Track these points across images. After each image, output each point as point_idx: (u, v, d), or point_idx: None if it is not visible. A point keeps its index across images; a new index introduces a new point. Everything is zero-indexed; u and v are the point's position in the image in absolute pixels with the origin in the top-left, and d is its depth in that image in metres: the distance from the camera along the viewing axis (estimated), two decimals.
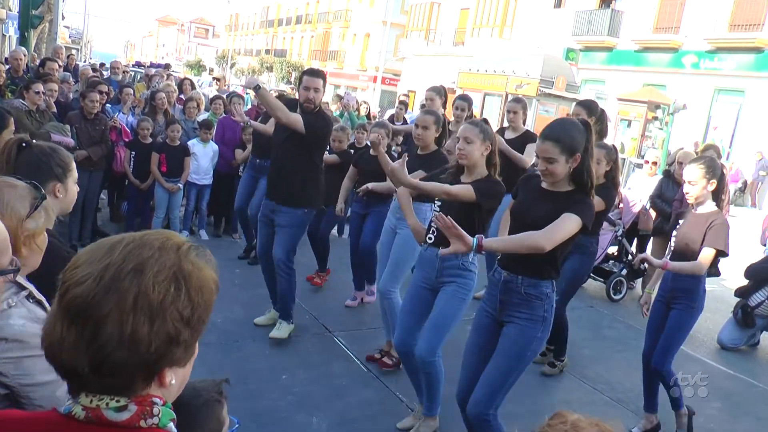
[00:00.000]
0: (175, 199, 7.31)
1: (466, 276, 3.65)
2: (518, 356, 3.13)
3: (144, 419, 1.04)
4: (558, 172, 3.01)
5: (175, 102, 8.79)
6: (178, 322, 1.03)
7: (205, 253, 1.14)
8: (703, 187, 3.94)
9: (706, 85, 21.80)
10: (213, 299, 1.12)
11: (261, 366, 4.47)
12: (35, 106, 6.45)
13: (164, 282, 1.03)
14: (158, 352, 1.02)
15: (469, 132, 3.58)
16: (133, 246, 1.06)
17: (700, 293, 4.06)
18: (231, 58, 59.18)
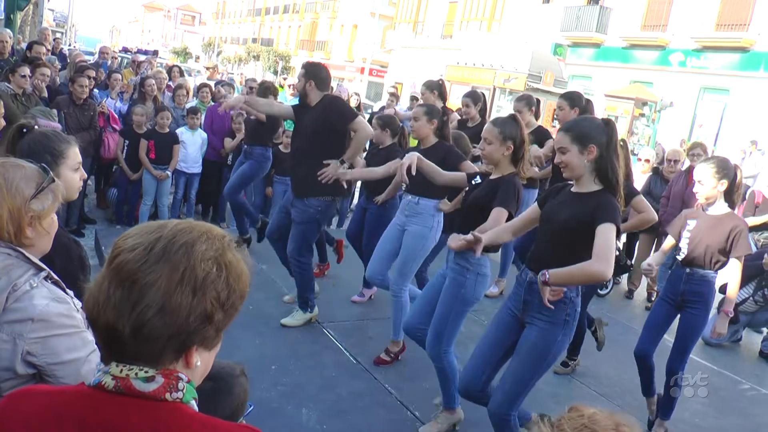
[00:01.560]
0: (163, 187, 7.27)
1: (458, 272, 3.66)
2: (539, 359, 3.12)
3: (170, 392, 1.09)
4: (572, 161, 3.04)
5: (164, 89, 8.72)
6: (215, 301, 1.10)
7: (243, 250, 1.23)
8: (713, 186, 3.95)
9: (692, 83, 21.98)
10: (247, 291, 1.19)
11: (251, 356, 4.44)
12: (21, 89, 6.36)
13: (209, 261, 1.11)
14: (194, 325, 1.08)
15: (488, 133, 3.62)
16: (183, 225, 1.15)
17: (712, 295, 4.10)
18: (218, 46, 58.77)
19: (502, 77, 23.49)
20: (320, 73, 4.95)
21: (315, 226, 4.97)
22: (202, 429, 1.09)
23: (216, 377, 1.62)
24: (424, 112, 4.69)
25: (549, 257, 3.06)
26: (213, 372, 1.62)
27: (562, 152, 3.06)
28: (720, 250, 3.99)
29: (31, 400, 1.11)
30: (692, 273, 4.09)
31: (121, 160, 7.15)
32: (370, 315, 5.58)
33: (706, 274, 4.06)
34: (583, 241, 2.91)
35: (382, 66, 39.05)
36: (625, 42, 24.19)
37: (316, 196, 4.85)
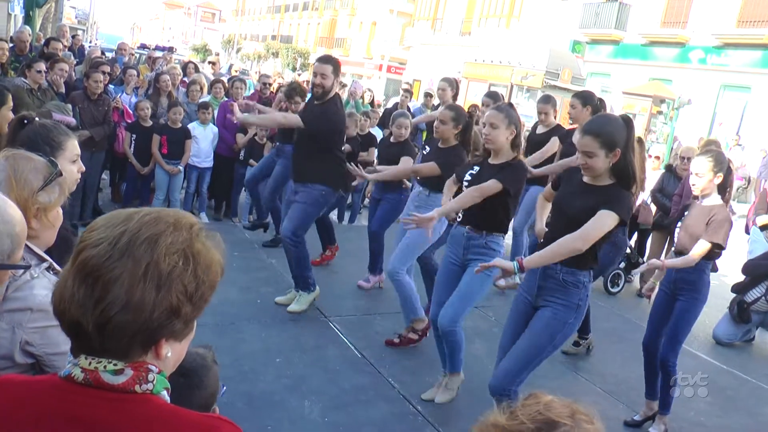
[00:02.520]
0: (175, 182, 7.34)
1: (490, 254, 3.82)
2: (548, 338, 3.24)
3: (139, 384, 1.08)
4: (598, 166, 3.11)
5: (179, 85, 8.79)
6: (182, 295, 1.08)
7: (215, 236, 1.20)
8: (709, 180, 3.98)
9: (713, 81, 21.72)
10: (218, 280, 1.17)
11: (256, 348, 4.49)
12: (37, 84, 6.45)
13: (175, 255, 1.08)
14: (159, 320, 1.07)
15: (494, 118, 3.80)
16: (149, 218, 1.11)
17: (704, 284, 4.09)
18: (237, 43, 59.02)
19: (520, 74, 23.40)
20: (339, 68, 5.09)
21: (317, 208, 5.11)
22: (170, 420, 1.09)
23: (187, 372, 1.62)
24: (452, 117, 4.81)
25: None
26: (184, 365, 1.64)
27: (588, 156, 3.10)
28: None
29: (2, 390, 1.12)
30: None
31: (129, 154, 7.22)
32: (377, 309, 5.60)
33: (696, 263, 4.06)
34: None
35: (401, 63, 39.00)
36: (644, 39, 23.94)
37: (321, 182, 5.01)
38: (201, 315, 1.17)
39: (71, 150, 2.49)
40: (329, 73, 4.92)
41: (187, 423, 1.10)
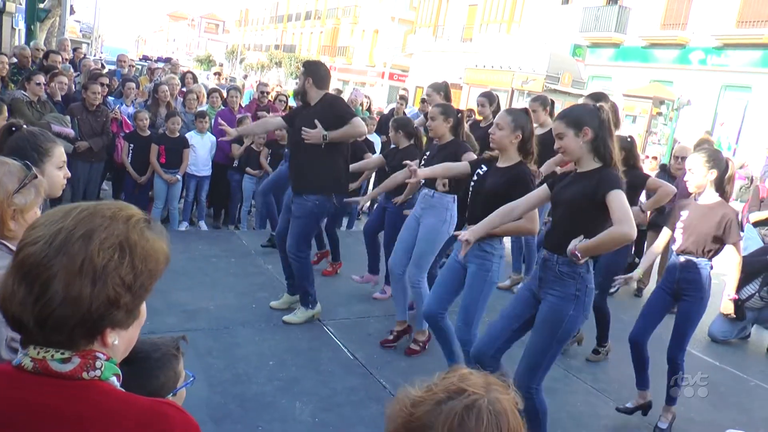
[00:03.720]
0: (173, 191, 7.42)
1: (484, 257, 3.90)
2: (552, 331, 3.31)
3: (86, 371, 1.13)
4: (570, 146, 3.25)
5: (177, 95, 8.89)
6: (120, 287, 1.12)
7: (156, 225, 1.23)
8: (703, 175, 4.04)
9: (713, 81, 21.71)
10: (159, 268, 1.20)
11: (250, 352, 4.55)
12: (36, 97, 6.56)
13: (110, 249, 1.12)
14: (98, 312, 1.11)
15: (501, 119, 3.91)
16: (86, 213, 1.15)
17: (706, 283, 4.14)
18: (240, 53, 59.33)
19: (520, 79, 23.46)
20: (319, 71, 5.06)
21: (313, 220, 5.08)
22: (116, 405, 1.13)
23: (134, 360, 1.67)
24: (440, 111, 4.87)
25: (561, 235, 3.27)
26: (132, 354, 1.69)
27: (559, 138, 3.27)
28: (713, 239, 4.07)
29: None
30: (686, 262, 4.17)
31: (127, 164, 7.31)
32: (371, 313, 5.66)
33: (699, 263, 4.13)
34: (591, 216, 3.14)
35: (403, 70, 39.12)
36: (644, 41, 23.96)
37: (314, 193, 4.96)
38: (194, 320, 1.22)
39: (58, 156, 2.56)
40: (300, 74, 5.10)
41: (133, 407, 1.14)
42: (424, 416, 1.08)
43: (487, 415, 1.05)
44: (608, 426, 4.22)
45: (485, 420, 1.05)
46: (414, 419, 1.09)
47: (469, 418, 1.05)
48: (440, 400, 1.09)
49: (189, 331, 4.69)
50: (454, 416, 1.05)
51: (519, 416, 1.11)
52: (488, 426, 1.05)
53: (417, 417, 1.09)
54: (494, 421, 1.05)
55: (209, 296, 5.43)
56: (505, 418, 1.07)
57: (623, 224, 2.97)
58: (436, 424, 1.06)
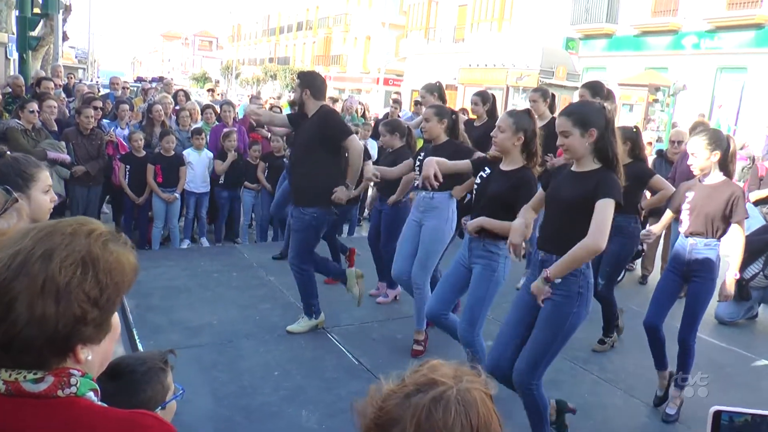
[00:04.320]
0: (172, 209, 7.44)
1: (490, 258, 3.91)
2: (556, 330, 3.31)
3: (61, 389, 1.12)
4: (574, 145, 3.21)
5: (171, 113, 8.92)
6: (85, 303, 1.12)
7: (119, 238, 1.22)
8: (706, 158, 4.04)
9: (708, 65, 21.66)
10: (126, 280, 1.20)
11: (254, 363, 4.56)
12: (31, 125, 6.59)
13: (71, 266, 1.11)
14: (65, 330, 1.10)
15: (502, 121, 3.87)
16: (44, 233, 1.14)
17: (717, 263, 4.15)
18: (235, 68, 59.50)
19: (515, 76, 23.49)
20: (315, 82, 5.06)
21: (312, 232, 5.06)
22: (94, 420, 1.13)
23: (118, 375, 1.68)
24: (434, 113, 4.88)
25: (556, 235, 3.28)
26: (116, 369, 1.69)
27: (565, 135, 3.23)
28: (720, 218, 4.07)
29: None
30: (695, 243, 4.17)
31: (124, 186, 7.33)
32: (375, 318, 5.66)
33: (708, 243, 4.14)
34: (586, 217, 3.11)
35: (398, 75, 39.16)
36: (636, 30, 23.93)
37: (312, 205, 4.97)
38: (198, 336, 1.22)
39: (43, 180, 2.57)
40: (296, 86, 5.11)
41: (112, 420, 1.14)
42: (393, 410, 1.07)
43: (455, 406, 1.04)
44: (616, 415, 4.20)
45: (453, 411, 1.04)
46: (383, 413, 1.08)
47: (437, 410, 1.04)
48: (409, 393, 1.08)
49: (193, 347, 4.71)
50: (421, 409, 1.04)
51: (491, 408, 1.10)
52: (456, 417, 1.04)
53: (386, 411, 1.08)
54: (463, 411, 1.04)
55: (212, 311, 5.45)
56: (474, 408, 1.06)
57: (596, 236, 3.03)
58: (405, 417, 1.05)
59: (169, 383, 1.76)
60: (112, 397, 1.58)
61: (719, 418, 1.15)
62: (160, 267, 6.50)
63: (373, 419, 1.09)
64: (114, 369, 1.72)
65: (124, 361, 1.79)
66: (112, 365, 1.75)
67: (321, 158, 4.93)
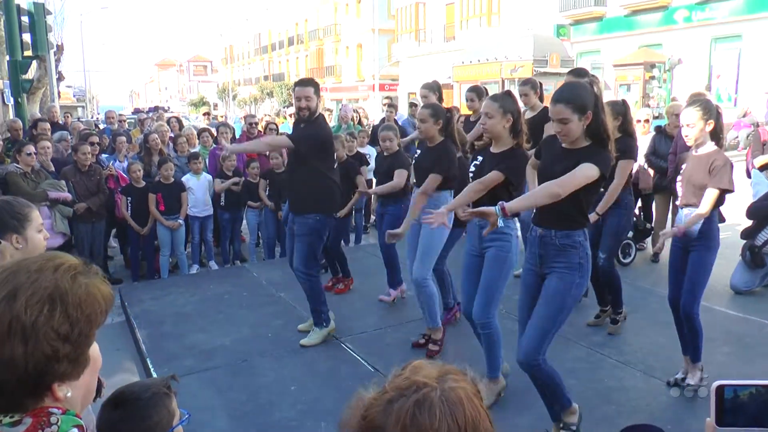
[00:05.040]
0: (178, 236, 7.45)
1: (502, 239, 3.92)
2: (559, 302, 3.37)
3: (41, 429, 1.09)
4: (573, 131, 3.27)
5: (168, 141, 8.95)
6: (54, 341, 1.09)
7: (89, 269, 1.20)
8: (701, 129, 4.02)
9: (702, 37, 21.60)
10: (99, 311, 1.17)
11: (270, 380, 4.55)
12: (29, 167, 6.63)
13: (37, 304, 1.09)
14: (37, 370, 1.08)
15: (489, 107, 3.91)
16: (8, 273, 1.13)
17: (713, 232, 4.11)
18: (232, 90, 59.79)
19: (509, 68, 23.46)
20: (319, 88, 5.14)
21: (316, 236, 5.06)
22: None
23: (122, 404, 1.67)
24: (430, 114, 4.87)
25: (549, 209, 3.30)
26: (119, 397, 1.69)
27: (563, 122, 3.26)
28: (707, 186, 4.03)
29: None
30: (689, 214, 4.13)
31: (127, 218, 7.34)
32: (387, 323, 5.63)
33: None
34: (579, 190, 3.18)
35: (393, 79, 39.25)
36: (626, 10, 23.89)
37: (313, 212, 4.98)
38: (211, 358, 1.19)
39: (36, 220, 2.59)
40: (311, 94, 4.99)
41: None
42: (376, 418, 1.02)
43: (439, 407, 1.00)
44: (637, 397, 4.15)
45: (438, 413, 0.99)
46: (367, 423, 1.04)
47: (421, 413, 1.00)
48: (391, 398, 1.03)
49: (208, 369, 4.71)
50: (405, 414, 1.00)
51: (478, 405, 1.06)
52: (442, 419, 0.99)
53: (369, 420, 1.03)
54: (448, 412, 1.00)
55: (224, 332, 5.44)
56: (460, 408, 1.01)
57: (561, 183, 3.16)
58: (388, 424, 1.00)
59: (174, 408, 1.76)
60: (117, 425, 1.57)
61: (722, 393, 1.12)
62: (170, 294, 6.51)
63: (358, 428, 1.05)
64: (118, 397, 1.72)
65: (128, 389, 1.79)
66: (116, 394, 1.76)
67: (317, 164, 4.96)
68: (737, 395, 1.12)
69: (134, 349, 5.48)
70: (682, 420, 3.85)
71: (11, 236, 2.45)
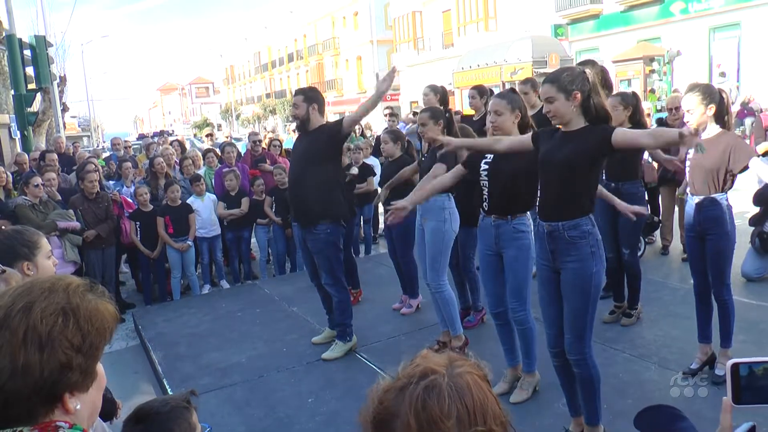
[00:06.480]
0: (188, 258, 7.49)
1: (521, 238, 3.98)
2: (584, 294, 3.37)
3: None
4: (560, 109, 3.30)
5: (174, 164, 9.02)
6: (69, 350, 1.14)
7: (96, 288, 1.26)
8: (702, 113, 4.04)
9: (700, 27, 21.56)
10: (107, 326, 1.23)
11: (287, 394, 4.57)
12: (37, 198, 6.70)
13: (52, 315, 1.14)
14: (51, 377, 1.12)
15: (497, 105, 3.96)
16: (23, 289, 1.19)
17: (727, 216, 4.11)
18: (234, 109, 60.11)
19: (509, 71, 23.50)
20: (319, 98, 5.15)
21: (332, 248, 5.06)
22: None
23: (144, 419, 1.71)
24: (429, 116, 4.93)
25: (555, 201, 3.35)
26: (140, 412, 1.73)
27: (549, 102, 3.32)
28: (723, 170, 4.05)
29: None
30: (701, 201, 4.16)
31: (137, 243, 7.38)
32: (402, 330, 5.65)
33: (714, 198, 4.12)
34: (584, 176, 3.25)
35: (394, 89, 39.27)
36: (623, 6, 23.90)
37: (320, 221, 4.98)
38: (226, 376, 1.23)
39: (45, 247, 2.64)
40: (300, 102, 5.01)
41: None
42: (390, 404, 1.08)
43: (448, 392, 1.06)
44: (653, 389, 4.14)
45: (447, 397, 1.05)
46: (382, 409, 1.10)
47: (431, 398, 1.05)
48: (403, 386, 1.09)
49: (225, 387, 4.74)
50: (416, 399, 1.06)
51: (486, 389, 1.11)
52: (451, 403, 1.05)
53: (385, 406, 1.09)
54: (456, 396, 1.06)
55: (240, 350, 5.47)
56: (468, 392, 1.07)
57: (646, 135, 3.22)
58: (401, 409, 1.06)
59: (195, 422, 1.81)
60: None
61: (738, 371, 1.15)
62: (183, 316, 6.55)
63: (374, 415, 1.11)
64: (139, 413, 1.77)
65: (148, 404, 1.83)
66: (136, 410, 1.81)
67: (323, 170, 4.95)
68: (753, 371, 1.15)
69: (151, 371, 5.52)
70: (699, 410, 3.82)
71: (23, 264, 2.51)
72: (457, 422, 1.03)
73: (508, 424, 1.10)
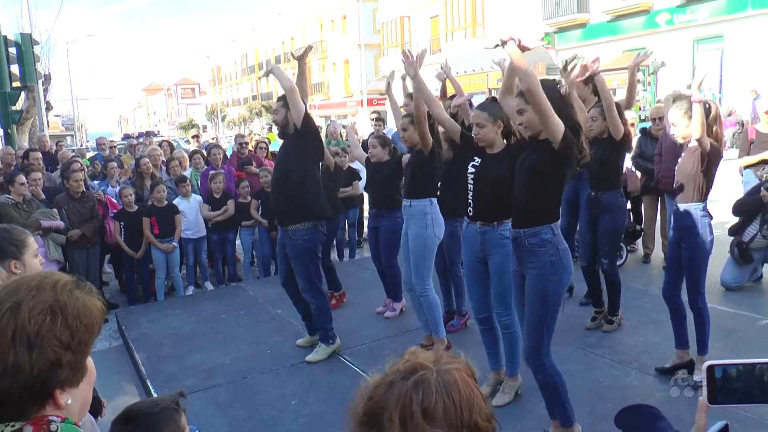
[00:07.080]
0: (172, 259, 7.48)
1: (507, 244, 3.95)
2: (541, 301, 3.45)
3: None
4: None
5: (160, 165, 9.00)
6: (58, 348, 1.16)
7: (84, 286, 1.28)
8: (686, 125, 4.14)
9: (684, 39, 21.87)
10: (95, 322, 1.25)
11: (271, 396, 4.59)
12: (21, 197, 6.66)
13: (40, 314, 1.16)
14: (42, 375, 1.15)
15: (478, 118, 3.99)
16: (9, 289, 1.21)
17: (700, 225, 4.18)
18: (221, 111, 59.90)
19: (495, 78, 23.60)
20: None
21: (309, 254, 5.07)
22: None
23: (132, 419, 1.73)
24: (410, 121, 5.00)
25: (521, 207, 3.50)
26: (130, 412, 1.75)
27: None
28: (698, 174, 4.14)
29: None
30: (678, 209, 4.29)
31: (121, 243, 7.36)
32: (385, 333, 5.69)
33: (689, 207, 4.22)
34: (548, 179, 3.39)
35: (381, 94, 39.30)
36: (609, 16, 24.18)
37: (299, 223, 4.99)
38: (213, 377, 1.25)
39: (32, 246, 2.67)
40: (279, 107, 5.07)
41: None
42: (380, 400, 1.11)
43: (435, 387, 1.08)
44: (633, 395, 4.20)
45: (434, 392, 1.08)
46: (372, 403, 1.13)
47: (419, 393, 1.08)
48: (392, 381, 1.12)
49: (209, 388, 4.74)
50: (405, 394, 1.09)
51: (472, 385, 1.14)
52: (438, 398, 1.08)
53: (375, 401, 1.12)
54: (444, 391, 1.08)
55: (224, 352, 5.48)
56: (455, 388, 1.10)
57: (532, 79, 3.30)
58: (390, 404, 1.09)
59: (183, 424, 1.82)
60: None
61: (713, 373, 1.21)
62: (167, 317, 6.55)
63: (363, 410, 1.14)
64: (128, 413, 1.79)
65: (137, 405, 1.85)
66: (125, 411, 1.82)
67: (302, 172, 4.99)
68: (727, 373, 1.20)
69: (134, 372, 5.51)
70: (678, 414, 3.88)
71: (10, 262, 2.52)
72: (444, 416, 1.06)
73: (493, 417, 1.13)
